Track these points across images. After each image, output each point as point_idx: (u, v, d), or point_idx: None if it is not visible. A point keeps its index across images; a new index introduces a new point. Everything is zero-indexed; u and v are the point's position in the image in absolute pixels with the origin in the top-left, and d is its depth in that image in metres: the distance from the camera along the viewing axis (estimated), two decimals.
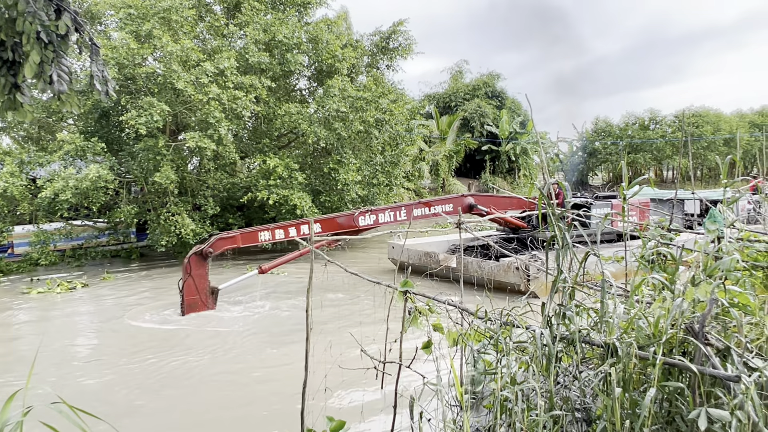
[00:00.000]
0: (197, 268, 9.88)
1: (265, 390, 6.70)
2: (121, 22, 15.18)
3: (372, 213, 11.47)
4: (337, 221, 11.32)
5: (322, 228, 11.06)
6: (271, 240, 10.71)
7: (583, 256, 3.46)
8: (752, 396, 2.35)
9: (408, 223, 10.67)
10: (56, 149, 15.44)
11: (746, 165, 50.79)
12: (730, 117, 50.65)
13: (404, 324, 3.79)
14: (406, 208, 11.88)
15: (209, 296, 10.05)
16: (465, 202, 12.44)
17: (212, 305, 10.09)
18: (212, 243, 10.02)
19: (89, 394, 6.64)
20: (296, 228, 10.87)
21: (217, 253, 10.16)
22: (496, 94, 44.39)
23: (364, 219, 11.39)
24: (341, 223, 11.25)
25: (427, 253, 13.09)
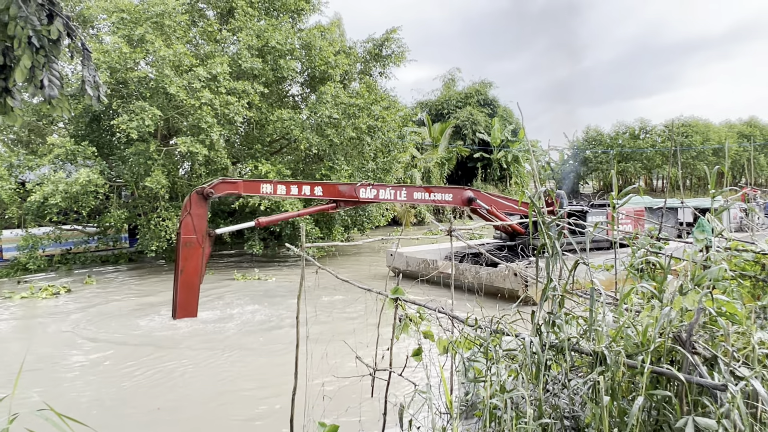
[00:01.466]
0: (197, 208, 9.85)
1: (257, 396, 6.66)
2: (114, 26, 15.15)
3: (373, 188, 11.59)
4: (339, 188, 11.43)
5: (323, 192, 11.18)
6: (272, 193, 10.73)
7: (573, 265, 3.47)
8: (738, 405, 2.37)
9: (400, 231, 10.67)
10: (46, 153, 15.35)
11: (734, 175, 51.28)
12: (719, 127, 51.18)
13: (395, 331, 3.78)
14: (407, 190, 12.02)
15: (206, 238, 9.98)
16: (465, 194, 12.54)
17: (207, 247, 10.02)
18: (214, 184, 10.05)
19: (75, 400, 6.57)
20: (298, 187, 10.96)
21: (217, 196, 10.15)
22: (488, 102, 44.62)
23: (365, 192, 11.49)
24: (342, 191, 11.35)
25: (426, 261, 13.14)
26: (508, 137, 41.66)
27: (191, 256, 9.77)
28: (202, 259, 9.91)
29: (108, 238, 17.81)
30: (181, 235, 9.73)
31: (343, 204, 11.39)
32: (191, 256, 9.77)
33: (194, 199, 9.84)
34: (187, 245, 9.74)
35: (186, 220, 9.75)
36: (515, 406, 3.12)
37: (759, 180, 53.86)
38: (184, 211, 9.80)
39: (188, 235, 9.76)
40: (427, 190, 12.19)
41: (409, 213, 30.98)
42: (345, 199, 11.30)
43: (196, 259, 9.82)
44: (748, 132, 51.56)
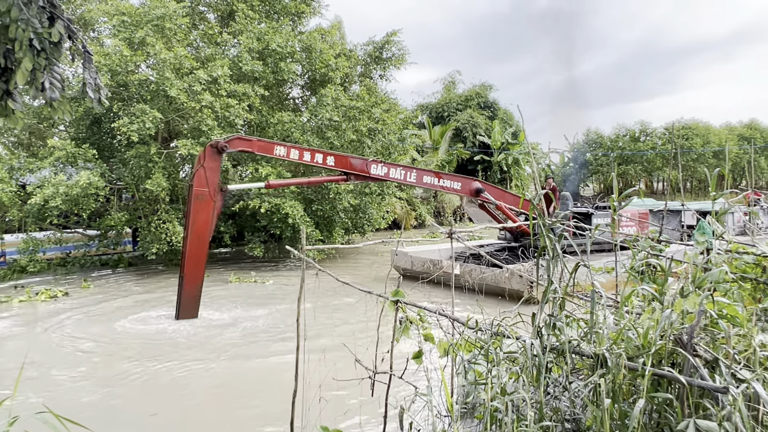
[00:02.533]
0: (210, 161, 9.84)
1: (257, 400, 6.65)
2: (115, 29, 15.18)
3: (385, 165, 11.67)
4: (351, 161, 11.45)
5: (335, 162, 11.20)
6: (285, 156, 10.76)
7: (574, 267, 3.47)
8: (740, 407, 2.36)
9: (400, 233, 10.67)
10: (47, 155, 15.36)
11: (735, 177, 51.28)
12: (719, 129, 51.17)
13: (395, 334, 3.78)
14: (417, 172, 12.09)
15: (218, 192, 9.98)
16: (473, 185, 12.65)
17: (219, 202, 10.04)
18: (229, 139, 10.09)
19: (74, 403, 6.56)
20: (311, 154, 11.00)
21: (231, 150, 10.17)
22: (489, 105, 44.65)
23: (376, 168, 11.54)
24: (354, 165, 11.39)
25: (431, 261, 13.15)
26: (508, 140, 41.68)
27: (202, 209, 9.78)
28: (213, 213, 9.91)
29: (109, 241, 17.80)
30: (194, 188, 9.73)
31: (353, 177, 11.39)
32: (202, 209, 9.78)
33: (208, 153, 9.84)
34: (199, 198, 9.74)
35: (199, 172, 9.73)
36: (516, 408, 3.12)
37: (759, 182, 53.84)
38: (198, 164, 9.82)
39: (200, 188, 9.75)
40: (436, 176, 12.29)
41: (409, 215, 30.98)
42: (356, 173, 11.33)
43: (207, 212, 9.81)
44: (749, 134, 51.53)
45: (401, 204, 30.49)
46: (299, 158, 10.87)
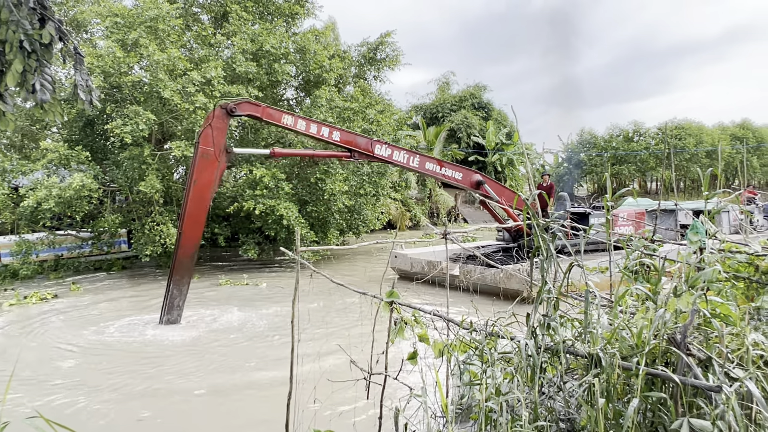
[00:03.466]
0: (219, 122, 9.87)
1: (250, 403, 6.63)
2: (108, 30, 15.11)
3: (389, 147, 11.75)
4: (357, 139, 11.51)
5: (341, 138, 11.24)
6: (292, 126, 10.77)
7: (567, 267, 3.48)
8: (733, 406, 2.37)
9: (395, 234, 10.67)
10: (39, 158, 15.27)
11: (728, 177, 51.54)
12: (712, 129, 51.46)
13: (390, 335, 3.78)
14: (420, 158, 12.17)
15: (223, 153, 9.97)
16: (474, 177, 12.78)
17: (223, 164, 10.04)
18: (238, 102, 10.14)
19: (64, 408, 6.51)
20: (317, 126, 11.05)
21: (238, 114, 10.16)
22: (483, 106, 44.73)
23: (380, 148, 11.63)
24: (359, 143, 11.44)
25: (430, 262, 13.17)
26: (502, 140, 41.78)
27: (206, 168, 9.77)
28: (216, 175, 9.91)
29: (102, 243, 17.71)
30: (199, 146, 9.72)
31: (357, 155, 11.39)
32: (206, 168, 9.77)
33: (217, 113, 9.88)
34: (204, 156, 9.73)
35: (206, 131, 9.75)
36: (511, 409, 3.12)
37: (752, 182, 54.13)
38: (206, 123, 9.85)
39: (206, 147, 9.75)
40: (439, 163, 12.37)
41: (404, 216, 30.99)
42: (360, 151, 11.36)
43: (210, 172, 9.80)
44: (741, 134, 51.84)
45: (396, 205, 30.49)
46: (305, 129, 10.88)
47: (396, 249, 15.03)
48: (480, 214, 39.41)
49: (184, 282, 9.92)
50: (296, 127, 10.78)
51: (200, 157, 9.70)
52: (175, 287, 9.83)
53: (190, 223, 9.78)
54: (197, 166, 9.70)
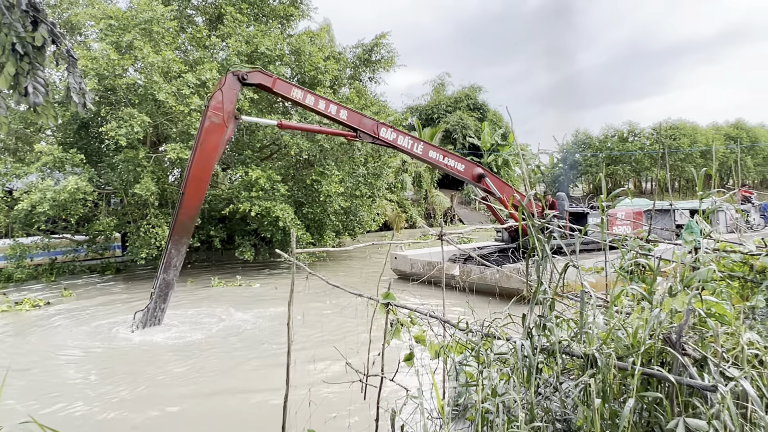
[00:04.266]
0: (230, 87, 9.98)
1: (246, 405, 6.61)
2: (102, 32, 15.06)
3: (394, 131, 11.82)
4: (363, 119, 11.59)
5: (347, 117, 11.34)
6: (301, 100, 10.84)
7: (563, 267, 3.48)
8: (729, 405, 2.37)
9: (392, 235, 10.67)
10: (34, 160, 15.21)
11: (722, 176, 51.76)
12: (706, 129, 51.66)
13: (386, 336, 3.77)
14: (425, 145, 12.25)
15: (231, 118, 10.05)
16: (476, 170, 12.91)
17: (231, 129, 10.11)
18: (250, 71, 10.23)
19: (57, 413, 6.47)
20: (325, 103, 11.13)
21: (249, 83, 10.25)
22: (478, 107, 44.84)
23: (386, 132, 11.69)
24: (365, 123, 11.54)
25: (430, 263, 13.18)
26: (498, 141, 41.86)
27: (214, 131, 9.85)
28: (223, 139, 9.97)
29: (97, 247, 17.65)
30: (209, 110, 9.79)
31: (362, 135, 11.47)
32: (214, 131, 9.85)
33: (229, 79, 9.98)
34: (213, 120, 9.81)
35: (216, 95, 9.84)
36: (507, 409, 3.12)
37: (746, 181, 54.39)
38: (217, 87, 9.92)
39: (216, 111, 9.83)
40: (442, 153, 12.45)
41: (400, 217, 31.00)
42: (366, 131, 11.45)
43: (218, 136, 9.88)
44: (735, 134, 52.10)
45: (392, 206, 30.50)
46: (314, 105, 10.95)
47: (395, 250, 15.05)
48: (475, 215, 39.45)
49: (182, 243, 9.92)
50: (305, 101, 10.87)
51: (209, 120, 9.79)
52: (173, 248, 9.84)
53: (193, 184, 9.83)
54: (205, 128, 9.78)
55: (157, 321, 9.95)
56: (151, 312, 9.85)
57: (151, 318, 9.89)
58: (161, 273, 9.80)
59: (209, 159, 9.87)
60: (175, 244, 9.82)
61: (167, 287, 9.86)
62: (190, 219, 9.92)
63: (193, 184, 9.79)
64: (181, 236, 9.85)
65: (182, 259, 10.02)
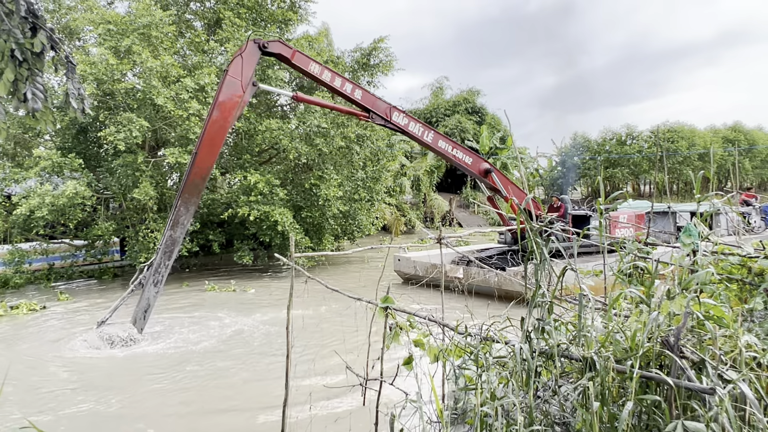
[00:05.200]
0: (249, 55, 10.13)
1: (245, 409, 6.60)
2: (100, 37, 15.08)
3: (406, 116, 11.96)
4: (376, 101, 11.69)
5: (361, 97, 11.44)
6: (318, 75, 10.95)
7: (561, 270, 3.48)
8: (727, 408, 2.38)
9: (391, 239, 10.70)
10: (32, 165, 15.20)
11: (720, 179, 51.83)
12: (704, 132, 51.74)
13: (385, 340, 3.77)
14: (435, 134, 12.38)
15: (249, 84, 10.17)
16: (483, 165, 13.09)
17: (247, 96, 10.23)
18: (270, 41, 10.43)
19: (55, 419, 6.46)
20: (342, 80, 11.26)
21: (269, 51, 10.39)
22: (476, 110, 44.88)
23: (398, 116, 11.82)
24: (378, 105, 11.65)
25: (434, 265, 13.19)
26: (496, 144, 41.89)
27: (231, 96, 10.00)
28: (239, 104, 10.09)
29: (96, 251, 17.63)
30: (227, 75, 9.95)
31: (374, 116, 11.57)
32: (231, 96, 10.00)
33: (249, 46, 10.13)
34: (230, 85, 9.96)
35: (236, 60, 10.00)
36: (506, 413, 3.12)
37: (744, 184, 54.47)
38: (237, 53, 10.08)
39: (234, 77, 9.98)
40: (451, 144, 12.60)
41: (399, 221, 31.01)
42: (378, 113, 11.56)
43: (235, 100, 10.02)
44: (733, 137, 52.17)
45: (391, 210, 30.50)
46: (330, 81, 11.06)
47: (399, 252, 15.05)
48: (474, 218, 39.47)
49: (192, 202, 9.92)
50: (321, 76, 10.97)
51: (226, 85, 9.93)
52: (182, 206, 9.84)
53: (206, 145, 9.91)
54: (222, 92, 9.91)
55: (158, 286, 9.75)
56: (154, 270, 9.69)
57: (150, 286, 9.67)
58: (168, 230, 9.82)
59: (224, 122, 10.02)
60: (184, 203, 9.87)
61: (173, 244, 9.85)
62: (201, 179, 10.00)
63: (206, 145, 9.93)
64: (191, 195, 9.92)
65: (190, 218, 10.06)
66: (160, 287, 9.67)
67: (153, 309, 9.59)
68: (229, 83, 9.92)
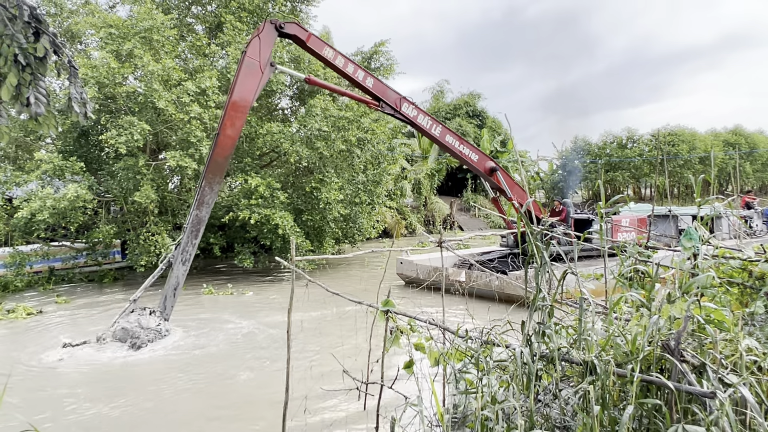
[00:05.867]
0: (267, 35, 10.36)
1: (244, 412, 6.59)
2: (102, 41, 15.13)
3: (416, 108, 12.15)
4: (387, 90, 11.87)
5: (372, 85, 11.63)
6: (331, 60, 11.15)
7: (562, 274, 3.49)
8: (727, 412, 2.38)
9: (392, 242, 10.74)
10: (34, 168, 15.23)
11: (721, 183, 51.80)
12: (704, 136, 51.70)
13: (386, 344, 3.78)
14: (442, 128, 12.58)
15: (267, 65, 10.43)
16: (489, 163, 13.23)
17: (266, 75, 10.49)
18: (288, 21, 10.63)
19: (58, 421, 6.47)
20: (354, 67, 11.44)
21: (285, 32, 10.57)
22: (477, 114, 44.90)
23: (407, 107, 12.00)
24: (388, 95, 11.83)
25: (436, 268, 13.19)
26: (497, 148, 41.90)
27: (250, 76, 10.27)
28: (258, 84, 10.39)
29: (97, 254, 17.63)
30: (246, 56, 10.21)
31: (384, 105, 11.75)
32: (250, 76, 10.27)
33: (267, 27, 10.36)
34: (249, 66, 10.22)
35: (254, 42, 10.24)
36: (507, 417, 3.12)
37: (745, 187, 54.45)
38: (255, 34, 10.31)
39: (252, 57, 10.23)
40: (459, 139, 12.71)
41: (399, 224, 31.01)
42: (388, 103, 11.75)
43: (254, 80, 10.32)
44: (734, 140, 52.13)
45: (392, 213, 30.51)
46: (343, 66, 11.23)
47: (401, 256, 15.06)
48: (475, 221, 39.45)
49: (216, 181, 10.24)
50: (335, 61, 11.16)
51: (245, 66, 10.17)
52: (207, 186, 10.13)
53: (228, 124, 10.18)
54: (242, 73, 10.16)
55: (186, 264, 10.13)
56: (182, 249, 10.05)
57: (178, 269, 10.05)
58: (194, 209, 10.11)
59: (245, 103, 10.27)
60: (208, 182, 10.16)
61: (199, 223, 10.17)
62: (224, 158, 10.30)
63: (228, 125, 10.18)
64: (215, 174, 10.23)
65: (215, 197, 10.37)
66: (188, 265, 10.06)
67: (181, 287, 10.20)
68: (248, 64, 10.17)
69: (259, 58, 10.27)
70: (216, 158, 10.12)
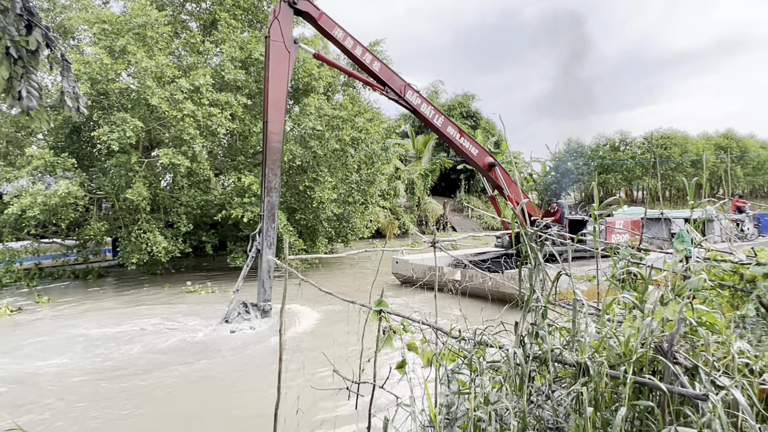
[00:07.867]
0: (284, 14, 10.59)
1: (235, 412, 6.56)
2: (95, 37, 15.03)
3: (419, 97, 12.33)
4: (393, 76, 12.09)
5: (379, 69, 11.87)
6: (341, 41, 11.37)
7: (555, 275, 3.49)
8: (719, 414, 2.38)
9: (385, 242, 10.77)
10: (25, 164, 15.10)
11: (712, 186, 52.16)
12: (696, 139, 52.05)
13: (378, 344, 3.76)
14: (444, 119, 12.70)
15: (292, 43, 10.70)
16: (488, 158, 13.38)
17: (293, 53, 10.78)
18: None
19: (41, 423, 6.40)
20: (362, 49, 11.66)
21: (297, 8, 10.81)
22: (471, 114, 45.00)
23: (411, 95, 12.20)
24: (394, 81, 12.06)
25: (430, 268, 13.21)
26: (491, 149, 42.00)
27: (280, 59, 10.53)
28: (289, 64, 10.68)
29: (87, 251, 17.51)
30: (270, 40, 10.44)
31: (389, 90, 11.96)
32: (280, 59, 10.53)
33: (282, 6, 10.59)
34: (276, 49, 10.46)
35: (274, 24, 10.48)
36: (499, 418, 3.11)
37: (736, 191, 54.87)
38: (272, 16, 10.52)
39: (276, 40, 10.46)
40: (460, 132, 12.84)
41: (393, 224, 31.00)
42: (393, 89, 11.97)
43: (284, 62, 10.57)
44: (725, 144, 52.52)
45: (385, 213, 30.49)
46: (351, 48, 11.48)
47: (397, 255, 15.08)
48: (468, 222, 39.52)
49: (276, 165, 10.62)
50: (344, 42, 11.40)
51: (272, 50, 10.42)
52: (270, 172, 10.51)
53: (273, 110, 10.53)
54: (272, 58, 10.42)
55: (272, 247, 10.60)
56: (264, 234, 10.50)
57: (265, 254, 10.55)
58: (265, 197, 10.54)
59: (282, 85, 10.55)
60: (270, 168, 10.53)
61: (272, 208, 10.61)
62: (278, 143, 10.66)
63: (273, 110, 10.50)
64: (273, 160, 10.58)
65: (279, 180, 10.84)
66: (273, 248, 10.57)
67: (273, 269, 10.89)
68: (275, 47, 10.40)
69: (283, 38, 10.45)
70: (271, 145, 10.43)
